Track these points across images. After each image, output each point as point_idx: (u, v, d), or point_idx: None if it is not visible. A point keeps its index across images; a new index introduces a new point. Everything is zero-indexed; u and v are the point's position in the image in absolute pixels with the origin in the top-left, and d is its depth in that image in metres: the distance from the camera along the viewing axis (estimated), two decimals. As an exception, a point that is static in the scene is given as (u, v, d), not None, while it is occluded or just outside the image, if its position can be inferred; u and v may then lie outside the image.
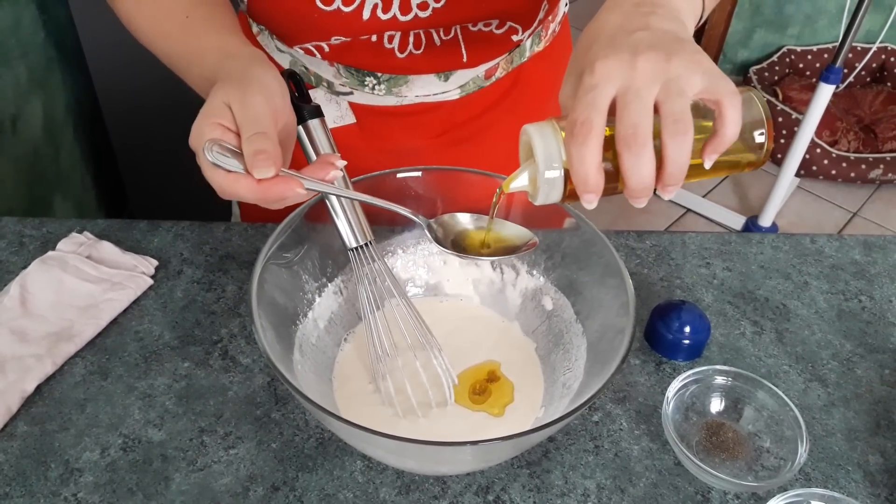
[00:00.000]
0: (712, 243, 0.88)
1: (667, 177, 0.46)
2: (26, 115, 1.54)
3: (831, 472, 0.65)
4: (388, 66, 0.76)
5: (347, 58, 0.76)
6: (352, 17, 0.70)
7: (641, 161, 0.44)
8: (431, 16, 0.71)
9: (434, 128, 0.82)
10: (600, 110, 0.45)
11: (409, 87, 0.78)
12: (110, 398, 0.67)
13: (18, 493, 0.60)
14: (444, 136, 0.83)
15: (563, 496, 0.62)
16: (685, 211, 2.47)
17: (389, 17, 0.70)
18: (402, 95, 0.78)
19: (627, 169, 0.45)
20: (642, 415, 0.69)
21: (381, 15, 0.70)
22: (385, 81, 0.77)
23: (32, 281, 0.75)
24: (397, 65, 0.76)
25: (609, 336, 0.60)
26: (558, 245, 0.70)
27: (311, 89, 0.80)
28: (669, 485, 0.64)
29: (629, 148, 0.44)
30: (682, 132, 0.44)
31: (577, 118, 0.45)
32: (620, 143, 0.44)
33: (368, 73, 0.77)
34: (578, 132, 0.45)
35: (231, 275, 0.80)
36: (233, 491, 0.61)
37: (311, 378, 0.63)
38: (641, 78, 0.44)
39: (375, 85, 0.77)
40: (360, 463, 0.63)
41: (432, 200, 0.70)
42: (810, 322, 0.79)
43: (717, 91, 0.45)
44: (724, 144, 0.46)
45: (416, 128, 0.82)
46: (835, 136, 2.54)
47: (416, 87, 0.78)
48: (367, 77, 0.77)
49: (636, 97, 0.44)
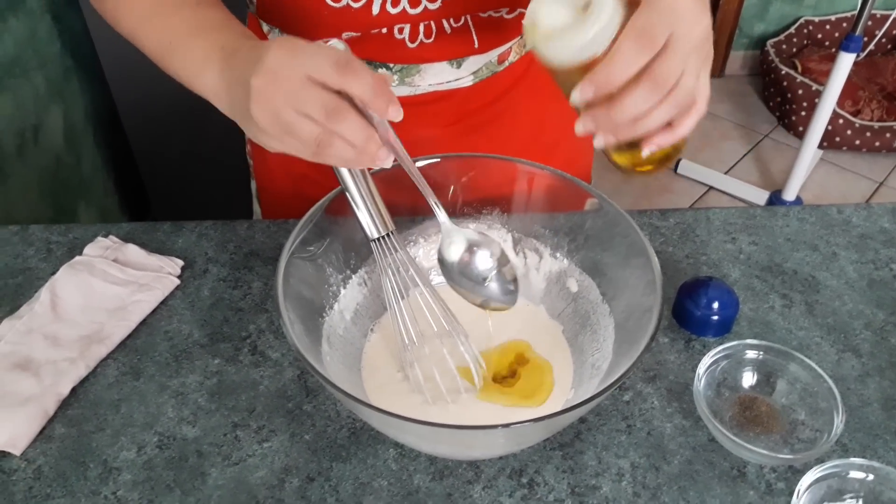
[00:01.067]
0: (737, 218, 0.87)
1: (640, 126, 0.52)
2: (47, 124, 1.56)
3: (869, 442, 0.64)
4: (399, 56, 0.76)
5: (359, 51, 0.76)
6: (361, 12, 0.70)
7: (651, 99, 0.50)
8: (441, 7, 0.71)
9: (449, 116, 0.82)
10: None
11: (421, 77, 0.78)
12: (144, 397, 0.68)
13: (60, 494, 0.61)
14: (459, 123, 0.83)
15: (598, 476, 0.62)
16: (707, 189, 2.45)
17: (399, 10, 0.70)
18: (415, 85, 0.78)
19: (637, 96, 0.50)
20: (674, 393, 0.68)
21: (390, 9, 0.70)
22: (398, 72, 0.77)
23: (62, 286, 0.76)
24: (409, 55, 0.76)
25: (637, 315, 0.60)
26: (581, 227, 0.70)
27: None
28: (704, 461, 0.63)
29: (655, 87, 0.49)
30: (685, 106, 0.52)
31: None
32: (649, 77, 0.49)
33: (380, 64, 0.76)
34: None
35: (256, 271, 0.80)
36: (269, 483, 0.61)
37: (340, 369, 0.63)
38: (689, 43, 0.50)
39: (388, 76, 0.77)
40: (393, 451, 0.63)
41: (448, 188, 0.70)
42: (841, 293, 0.78)
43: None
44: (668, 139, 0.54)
45: (431, 116, 0.82)
46: (857, 105, 2.50)
47: (429, 75, 0.78)
48: (379, 69, 0.77)
49: (683, 56, 0.49)
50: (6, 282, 0.78)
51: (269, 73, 0.51)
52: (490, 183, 0.71)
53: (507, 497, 0.60)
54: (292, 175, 0.89)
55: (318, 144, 0.51)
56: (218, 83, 0.58)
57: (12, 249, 0.82)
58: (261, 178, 0.94)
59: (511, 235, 0.73)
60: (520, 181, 0.70)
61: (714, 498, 0.61)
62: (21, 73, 1.47)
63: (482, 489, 0.61)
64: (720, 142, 2.66)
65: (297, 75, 0.50)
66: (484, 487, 0.61)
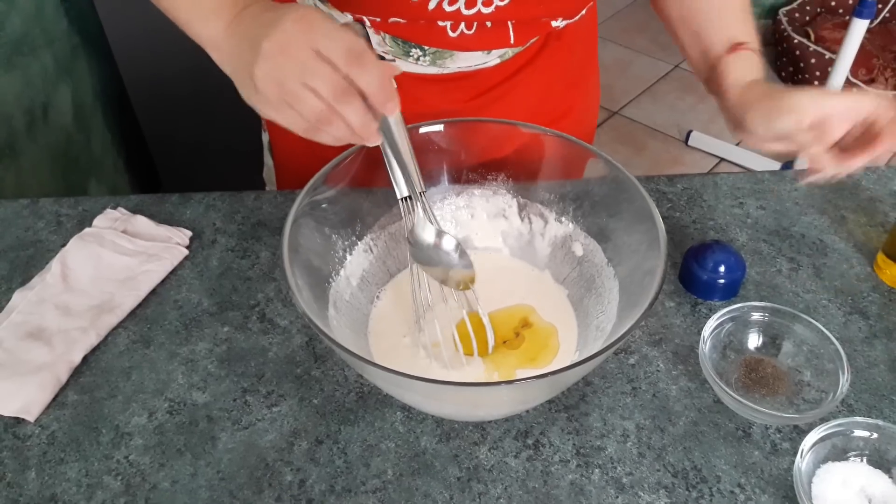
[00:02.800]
0: (745, 183, 0.87)
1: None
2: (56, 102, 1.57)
3: (875, 403, 0.65)
4: (437, 42, 0.75)
5: (397, 30, 0.75)
6: (417, 5, 0.69)
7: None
8: (494, 12, 0.71)
9: (470, 91, 0.82)
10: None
11: (453, 60, 0.77)
12: (154, 365, 0.69)
13: (73, 458, 0.62)
14: (478, 98, 0.83)
15: (603, 437, 0.62)
16: (719, 160, 2.43)
17: (454, 9, 0.70)
18: (445, 67, 0.78)
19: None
20: (679, 356, 0.68)
21: (446, 7, 0.70)
22: (431, 54, 0.77)
23: (72, 257, 0.77)
24: (447, 42, 0.75)
25: (640, 276, 0.60)
26: (587, 193, 0.70)
27: None
28: (710, 422, 0.63)
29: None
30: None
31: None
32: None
33: (415, 45, 0.76)
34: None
35: (264, 241, 0.81)
36: (278, 446, 0.62)
37: (346, 333, 0.64)
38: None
39: (420, 56, 0.77)
40: (400, 414, 0.64)
41: (453, 154, 0.70)
42: (848, 256, 0.78)
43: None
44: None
45: (453, 92, 0.81)
46: (871, 73, 2.47)
47: (460, 59, 0.78)
48: (413, 49, 0.76)
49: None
50: (18, 254, 0.79)
51: (282, 41, 0.50)
52: (495, 148, 0.71)
53: (513, 458, 0.61)
54: (312, 143, 0.89)
55: (318, 120, 0.51)
56: (222, 34, 0.57)
57: (23, 222, 0.83)
58: (276, 143, 0.95)
59: (516, 201, 0.73)
60: (525, 145, 0.70)
61: (719, 458, 0.61)
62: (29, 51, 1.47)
63: (488, 450, 0.62)
64: (732, 113, 2.64)
65: (309, 49, 0.50)
66: (490, 448, 0.62)
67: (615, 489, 0.59)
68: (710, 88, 0.72)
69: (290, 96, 0.51)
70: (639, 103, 2.63)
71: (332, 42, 0.50)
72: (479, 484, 0.60)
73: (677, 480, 0.60)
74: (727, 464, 0.61)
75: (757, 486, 0.59)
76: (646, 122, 2.55)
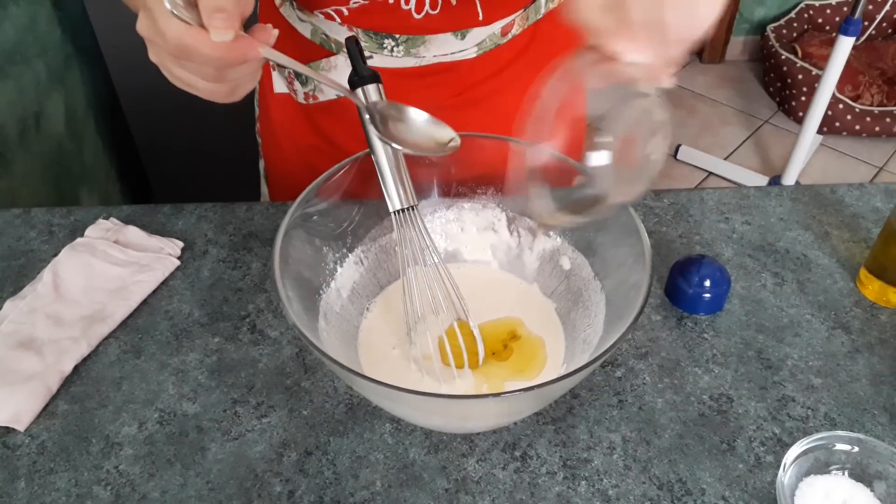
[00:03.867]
0: (731, 198, 0.88)
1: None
2: (48, 111, 1.57)
3: (857, 417, 0.66)
4: (405, 27, 0.77)
5: (365, 21, 0.77)
6: None
7: None
8: None
9: (452, 87, 0.83)
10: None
11: (426, 48, 0.79)
12: (145, 375, 0.69)
13: (63, 468, 0.62)
14: (461, 95, 0.84)
15: (589, 449, 0.63)
16: (707, 174, 2.45)
17: None
18: (420, 56, 0.79)
19: None
20: (665, 369, 0.69)
21: None
22: (403, 43, 0.78)
23: (64, 267, 0.77)
24: (414, 25, 0.77)
25: (626, 290, 0.61)
26: (575, 206, 0.71)
27: (333, 56, 0.81)
28: (695, 435, 0.64)
29: None
30: None
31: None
32: None
33: (387, 35, 0.78)
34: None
35: (255, 252, 0.81)
36: (267, 457, 0.63)
37: (336, 345, 0.64)
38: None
39: (394, 47, 0.78)
40: (389, 425, 0.65)
41: (442, 167, 0.71)
42: (832, 271, 0.79)
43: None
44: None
45: (435, 88, 0.82)
46: (857, 90, 2.50)
47: (434, 46, 0.79)
48: (385, 39, 0.78)
49: None
50: (9, 263, 0.80)
51: (141, 32, 0.51)
52: (484, 162, 0.72)
53: (501, 469, 0.62)
54: (300, 148, 0.91)
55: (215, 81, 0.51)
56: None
57: (15, 232, 0.83)
58: (269, 154, 0.96)
59: (505, 214, 0.74)
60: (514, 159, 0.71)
61: (704, 471, 0.62)
62: (22, 60, 1.48)
63: (476, 462, 0.62)
64: (720, 127, 2.66)
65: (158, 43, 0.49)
66: (478, 460, 0.62)
67: (601, 501, 0.60)
68: None
69: (179, 83, 0.52)
70: (629, 117, 2.64)
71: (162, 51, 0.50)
72: (466, 496, 0.60)
73: (662, 493, 0.60)
74: (712, 476, 0.62)
75: (741, 498, 0.60)
76: (635, 135, 2.56)
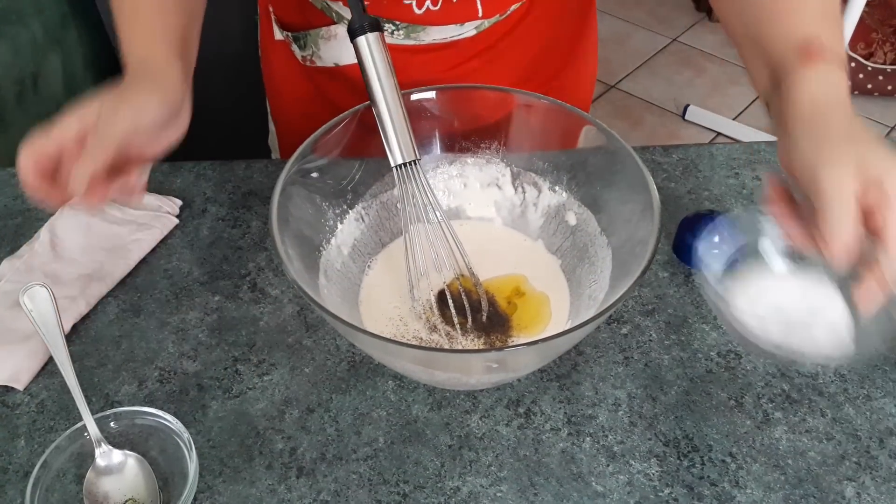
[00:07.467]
0: (741, 153, 0.86)
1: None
2: (46, 72, 1.55)
3: (868, 373, 0.64)
4: (405, 18, 0.75)
5: (368, 10, 0.74)
6: None
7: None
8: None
9: (451, 61, 0.81)
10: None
11: (426, 34, 0.77)
12: (144, 334, 0.69)
13: (62, 427, 0.62)
14: (460, 66, 0.82)
15: (594, 406, 0.62)
16: (715, 135, 2.42)
17: None
18: (420, 40, 0.78)
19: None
20: (672, 326, 0.68)
21: None
22: (403, 28, 0.76)
23: (61, 226, 0.76)
24: (414, 18, 0.75)
25: (633, 246, 0.59)
26: (582, 162, 0.69)
27: (334, 25, 0.79)
28: (702, 392, 0.63)
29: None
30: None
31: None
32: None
33: (387, 20, 0.75)
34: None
35: (255, 211, 0.80)
36: (269, 414, 0.62)
37: (337, 302, 0.63)
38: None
39: (395, 31, 0.76)
40: (391, 382, 0.64)
41: (444, 121, 0.69)
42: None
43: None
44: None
45: (434, 62, 0.81)
46: (870, 48, 2.45)
47: (434, 32, 0.77)
48: (385, 23, 0.76)
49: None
50: (6, 223, 0.78)
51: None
52: (487, 115, 0.70)
53: (505, 426, 0.61)
54: (300, 97, 0.91)
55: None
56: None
57: (11, 191, 0.82)
58: (272, 101, 0.97)
59: (510, 170, 0.72)
60: (518, 112, 0.69)
61: (710, 427, 0.61)
62: (17, 19, 1.45)
63: (479, 419, 0.61)
64: (728, 87, 2.62)
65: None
66: (481, 417, 0.62)
67: (606, 457, 0.59)
68: (772, 113, 0.55)
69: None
70: (636, 77, 2.60)
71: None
72: (470, 451, 0.59)
73: (668, 449, 0.60)
74: (718, 433, 0.61)
75: (748, 455, 0.59)
76: (643, 96, 2.53)
